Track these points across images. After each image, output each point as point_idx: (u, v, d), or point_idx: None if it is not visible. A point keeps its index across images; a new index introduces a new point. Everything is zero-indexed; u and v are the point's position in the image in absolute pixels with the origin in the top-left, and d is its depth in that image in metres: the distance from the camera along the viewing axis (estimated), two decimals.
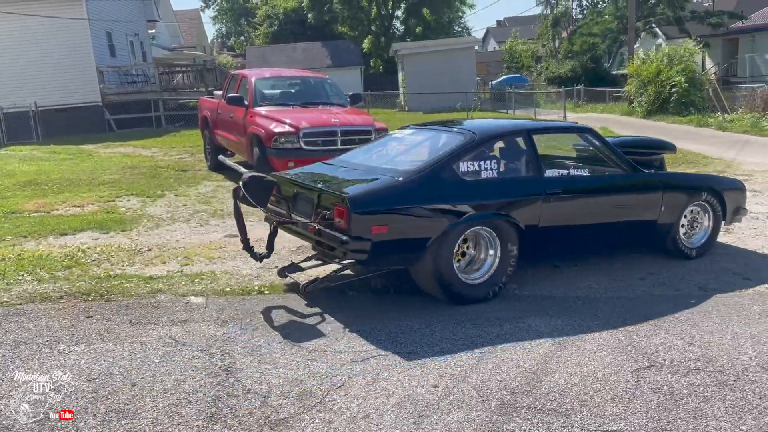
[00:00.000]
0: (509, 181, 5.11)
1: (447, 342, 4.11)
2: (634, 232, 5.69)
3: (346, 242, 4.25)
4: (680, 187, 5.85)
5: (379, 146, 5.97)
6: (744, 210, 6.27)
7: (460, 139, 4.99)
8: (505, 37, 57.85)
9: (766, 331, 4.22)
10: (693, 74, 20.83)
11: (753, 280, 5.29)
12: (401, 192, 4.53)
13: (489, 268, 4.82)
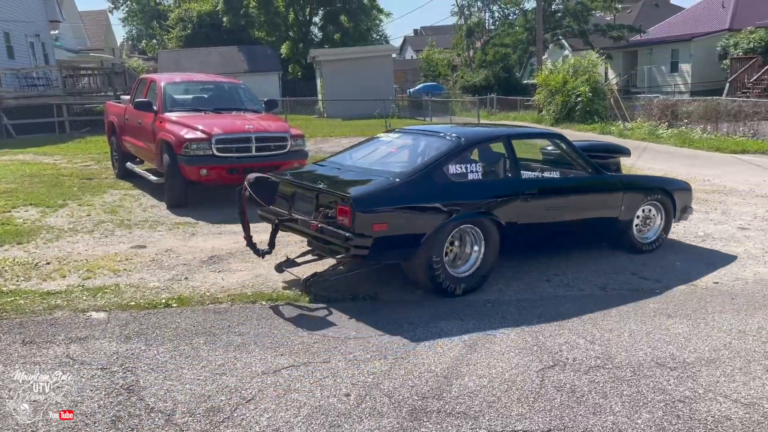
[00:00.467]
0: (492, 182, 5.51)
1: (360, 350, 4.10)
2: (598, 228, 6.19)
3: (350, 239, 4.57)
4: (637, 187, 6.38)
5: (368, 149, 6.14)
6: (691, 209, 6.82)
7: (449, 144, 5.39)
8: (422, 45, 58.93)
9: (660, 328, 4.48)
10: (596, 84, 21.99)
11: (649, 279, 5.61)
12: (399, 192, 4.86)
13: (474, 262, 5.23)
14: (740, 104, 17.50)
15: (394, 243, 4.83)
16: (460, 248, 5.23)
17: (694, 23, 34.34)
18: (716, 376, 3.74)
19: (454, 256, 5.20)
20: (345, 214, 4.60)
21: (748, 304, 4.95)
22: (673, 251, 6.43)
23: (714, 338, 4.29)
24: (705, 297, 5.14)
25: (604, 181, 6.13)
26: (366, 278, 5.45)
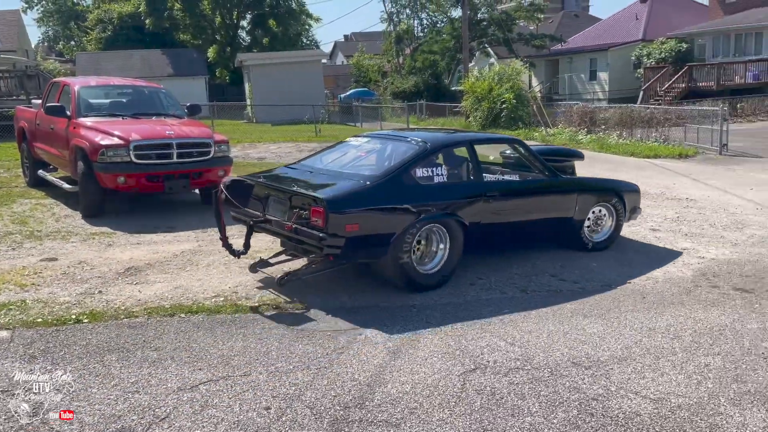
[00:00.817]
0: (456, 185, 5.84)
1: (283, 360, 4.02)
2: (554, 227, 6.49)
3: (324, 239, 4.76)
4: (590, 189, 6.70)
5: (338, 152, 6.33)
6: (639, 209, 7.17)
7: (416, 149, 5.64)
8: (353, 51, 59.10)
9: (576, 328, 4.62)
10: (520, 91, 22.68)
11: (567, 281, 5.79)
12: (369, 194, 5.11)
13: (440, 260, 5.49)
14: (652, 111, 18.46)
15: (365, 243, 5.05)
16: (426, 247, 5.47)
17: (610, 34, 36.02)
18: (627, 373, 3.89)
19: (421, 254, 5.44)
20: (319, 215, 4.80)
21: (658, 303, 5.19)
22: (590, 253, 6.66)
23: (626, 337, 4.46)
24: (618, 297, 5.35)
25: (559, 183, 6.47)
26: (291, 287, 5.37)
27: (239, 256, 5.61)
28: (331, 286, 5.46)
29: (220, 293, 5.29)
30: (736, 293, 5.38)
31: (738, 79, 26.57)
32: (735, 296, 5.31)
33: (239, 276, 5.77)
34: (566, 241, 6.67)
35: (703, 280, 5.76)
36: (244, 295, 5.28)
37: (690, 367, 3.95)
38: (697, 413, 3.41)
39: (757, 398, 3.55)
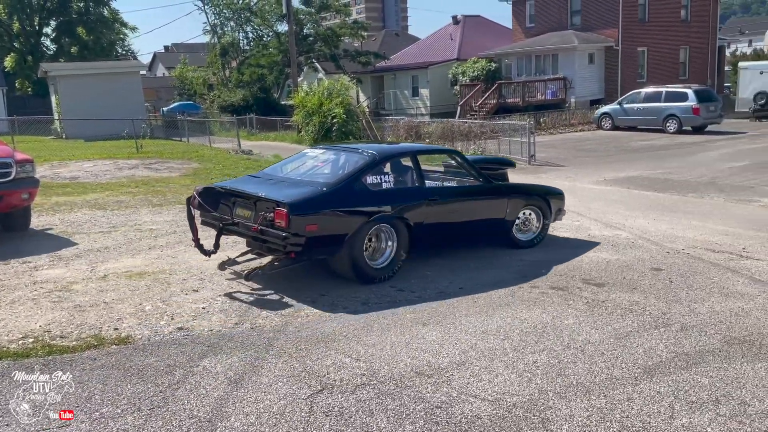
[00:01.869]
0: (402, 190, 6.56)
1: (109, 404, 3.62)
2: (489, 227, 7.23)
3: (287, 238, 5.38)
4: (519, 193, 7.43)
5: (297, 162, 7.00)
6: (563, 211, 7.95)
7: (365, 159, 6.31)
8: (175, 63, 56.48)
9: (417, 337, 4.74)
10: (350, 106, 23.14)
11: (405, 291, 5.94)
12: (326, 199, 5.77)
13: (388, 255, 6.20)
14: (470, 125, 19.88)
15: (323, 241, 5.73)
16: (377, 244, 6.18)
17: (429, 52, 38.30)
18: (467, 377, 4.05)
19: (373, 251, 6.13)
20: (282, 218, 5.39)
21: (488, 306, 5.51)
22: (424, 262, 6.91)
23: (462, 341, 4.66)
24: (453, 303, 5.59)
25: (492, 188, 7.21)
26: (110, 316, 4.88)
27: (209, 255, 6.28)
28: (163, 315, 5.06)
29: (28, 333, 4.66)
30: (552, 291, 5.88)
31: (539, 95, 29.62)
32: (552, 294, 5.80)
33: (52, 312, 5.13)
34: (500, 240, 7.40)
35: (524, 281, 6.23)
36: (59, 333, 4.70)
37: (520, 366, 4.22)
38: (530, 410, 3.64)
39: (579, 390, 3.88)
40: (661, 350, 4.46)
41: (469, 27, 38.57)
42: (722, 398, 3.73)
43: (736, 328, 4.83)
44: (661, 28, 31.13)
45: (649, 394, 3.80)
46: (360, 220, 5.85)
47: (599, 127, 24.83)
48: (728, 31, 67.67)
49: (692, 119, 21.54)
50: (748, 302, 5.41)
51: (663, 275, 6.28)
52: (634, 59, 30.84)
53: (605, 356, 4.37)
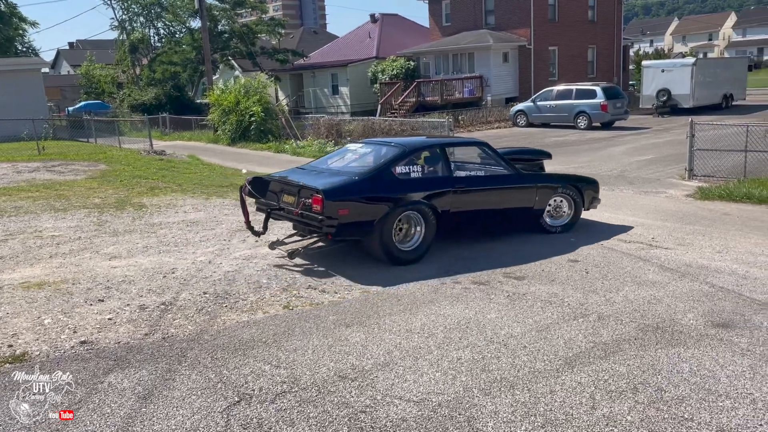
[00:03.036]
0: (429, 179, 6.95)
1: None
2: (517, 215, 7.60)
3: (322, 220, 6.07)
4: (548, 183, 7.76)
5: (339, 156, 7.68)
6: (598, 200, 8.26)
7: (395, 151, 6.92)
8: (81, 60, 53.56)
9: (340, 340, 4.59)
10: (268, 105, 22.66)
11: (328, 292, 5.78)
12: (357, 186, 6.39)
13: (417, 240, 6.71)
14: (390, 123, 19.90)
15: (354, 224, 6.31)
16: (408, 229, 6.68)
17: (348, 50, 38.16)
18: (391, 379, 3.94)
19: (404, 235, 6.65)
20: (318, 203, 6.08)
21: (412, 303, 5.44)
22: (352, 262, 6.77)
23: (386, 341, 4.56)
24: (376, 302, 5.48)
25: (520, 177, 7.55)
26: (4, 331, 4.44)
27: (259, 236, 7.15)
28: (64, 328, 4.66)
29: None
30: (474, 286, 5.89)
31: (457, 94, 30.13)
32: (474, 289, 5.80)
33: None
34: (530, 227, 7.71)
35: (447, 277, 6.21)
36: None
37: (445, 363, 4.16)
38: (455, 408, 3.57)
39: (503, 385, 3.86)
40: (581, 341, 4.52)
41: (387, 25, 38.74)
42: (640, 386, 3.80)
43: (650, 316, 4.98)
44: (570, 28, 32.41)
45: (571, 385, 3.83)
46: (388, 206, 6.40)
47: (515, 124, 25.53)
48: (631, 31, 71.55)
49: (601, 116, 22.51)
50: (660, 290, 5.61)
51: (579, 266, 6.43)
52: (545, 58, 31.94)
53: (527, 349, 4.38)
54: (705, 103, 26.32)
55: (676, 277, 5.93)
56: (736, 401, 3.58)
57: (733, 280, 5.79)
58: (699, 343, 4.41)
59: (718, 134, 11.85)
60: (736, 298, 5.33)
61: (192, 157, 18.40)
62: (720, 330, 4.64)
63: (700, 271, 6.11)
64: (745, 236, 7.40)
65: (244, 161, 17.15)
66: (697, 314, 4.98)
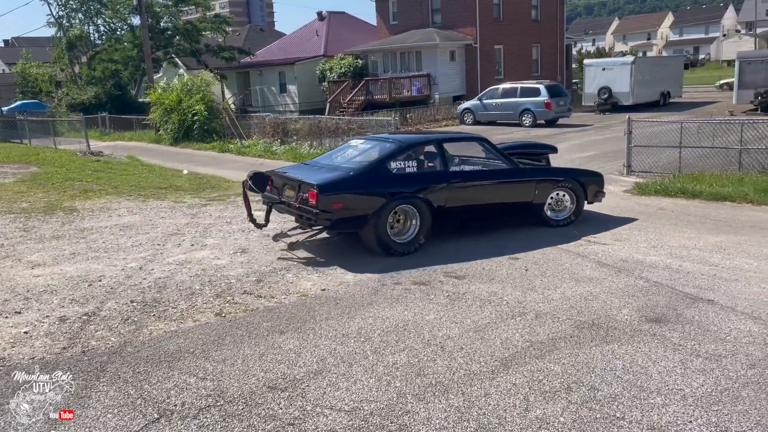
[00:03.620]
0: (424, 174, 7.18)
1: None
2: (515, 209, 7.76)
3: (317, 214, 6.32)
4: (548, 177, 7.90)
5: (342, 151, 7.86)
6: (603, 193, 8.36)
7: (391, 147, 7.13)
8: (16, 58, 51.29)
9: (272, 348, 4.42)
10: (212, 103, 22.13)
11: (264, 297, 5.58)
12: (351, 181, 6.64)
13: (412, 233, 6.91)
14: (337, 122, 19.70)
15: (349, 217, 6.58)
16: (404, 221, 6.88)
17: (296, 48, 37.71)
18: (323, 387, 3.80)
19: (401, 228, 6.87)
20: (313, 197, 6.34)
21: (350, 306, 5.30)
22: (289, 264, 6.59)
23: (321, 347, 4.41)
24: (314, 306, 5.33)
25: (518, 172, 7.68)
26: None
27: (261, 228, 7.47)
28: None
29: None
30: (415, 287, 5.80)
31: (405, 92, 30.14)
32: (415, 290, 5.71)
33: None
34: (531, 220, 7.83)
35: (388, 278, 6.10)
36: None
37: (380, 369, 4.05)
38: (387, 416, 3.46)
39: (437, 389, 3.76)
40: (517, 340, 4.48)
41: (334, 23, 38.45)
42: (574, 385, 3.77)
43: (586, 313, 4.99)
44: (514, 28, 32.87)
45: (506, 387, 3.77)
46: (381, 199, 6.61)
47: (462, 122, 25.70)
48: (574, 30, 73.30)
49: (545, 113, 22.89)
50: (596, 286, 5.64)
51: (519, 264, 6.42)
52: (491, 57, 32.31)
53: (464, 351, 4.31)
54: (644, 100, 27.10)
55: (613, 273, 5.99)
56: (667, 398, 3.59)
57: (666, 274, 5.88)
58: (633, 339, 4.43)
59: (655, 131, 12.15)
60: (669, 292, 5.40)
61: (131, 157, 17.79)
62: (653, 325, 4.68)
63: (635, 266, 6.19)
64: (679, 231, 7.57)
65: (187, 162, 16.68)
66: (632, 310, 5.02)
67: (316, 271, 6.36)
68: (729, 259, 6.26)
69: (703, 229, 7.61)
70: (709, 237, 7.17)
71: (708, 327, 4.61)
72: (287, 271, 6.35)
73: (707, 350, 4.21)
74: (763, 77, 22.70)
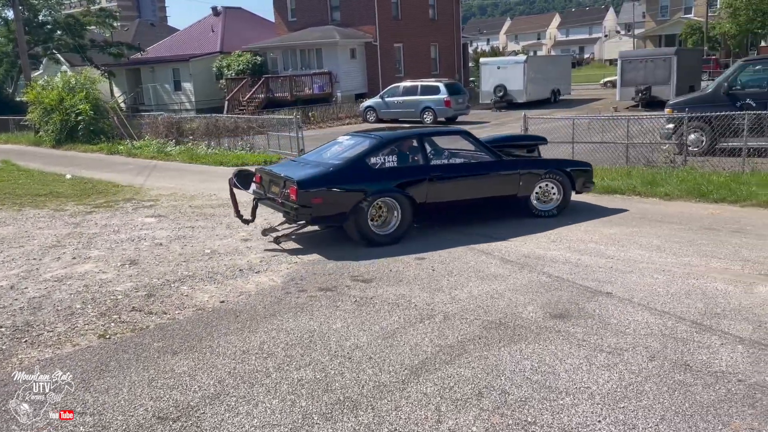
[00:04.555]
0: (404, 168, 7.30)
1: None
2: (500, 200, 7.87)
3: (297, 209, 6.63)
4: (533, 169, 7.99)
5: (329, 147, 7.92)
6: (592, 182, 8.55)
7: (372, 142, 7.34)
8: None
9: (164, 372, 4.02)
10: (98, 102, 20.73)
11: (155, 313, 5.14)
12: (330, 177, 6.83)
13: (394, 224, 7.13)
14: (236, 121, 18.99)
15: (329, 211, 6.85)
16: (387, 214, 7.11)
17: (190, 44, 36.18)
18: (221, 413, 3.48)
19: (384, 220, 7.10)
20: (293, 192, 6.56)
21: (251, 319, 4.98)
22: (185, 276, 6.14)
23: (219, 368, 4.07)
24: (212, 321, 4.96)
25: (502, 165, 7.79)
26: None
27: (248, 224, 7.67)
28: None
29: None
30: (321, 293, 5.56)
31: (307, 90, 29.69)
32: (321, 297, 5.47)
33: None
34: (518, 211, 7.96)
35: (293, 285, 5.82)
36: None
37: (284, 387, 3.78)
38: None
39: (346, 406, 3.55)
40: (427, 345, 4.36)
41: (230, 19, 37.25)
42: (484, 390, 3.69)
43: (493, 312, 4.96)
44: (413, 26, 33.26)
45: (417, 397, 3.62)
46: (360, 194, 6.80)
47: (365, 120, 25.65)
48: (469, 30, 75.43)
49: (445, 111, 23.27)
50: (501, 283, 5.64)
51: (426, 264, 6.34)
52: (392, 55, 32.51)
53: (373, 360, 4.13)
54: (537, 97, 28.24)
55: (516, 269, 6.03)
56: (576, 397, 3.58)
57: (567, 269, 5.99)
58: (539, 338, 4.43)
59: (549, 127, 12.57)
60: (570, 287, 5.49)
61: (6, 162, 16.29)
62: (558, 321, 4.71)
63: (537, 261, 6.27)
64: (576, 224, 7.78)
65: (71, 165, 15.48)
66: (536, 306, 5.04)
67: (213, 281, 5.96)
68: (623, 251, 6.49)
69: (599, 222, 7.87)
70: (604, 230, 7.42)
71: (608, 320, 4.69)
72: (182, 283, 5.91)
73: (609, 344, 4.27)
74: (643, 75, 24.25)
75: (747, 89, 12.08)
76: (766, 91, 11.73)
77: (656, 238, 6.95)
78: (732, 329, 4.42)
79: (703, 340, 4.26)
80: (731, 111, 10.90)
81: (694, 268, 5.81)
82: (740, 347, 4.13)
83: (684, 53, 26.81)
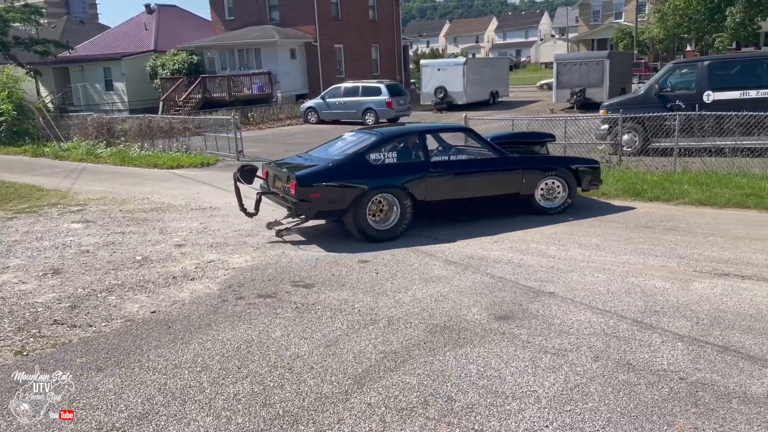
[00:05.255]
0: (404, 164, 7.31)
1: None
2: (502, 197, 7.89)
3: (296, 203, 6.83)
4: (536, 166, 7.99)
5: (334, 144, 8.06)
6: (599, 180, 8.48)
7: (373, 138, 7.43)
8: None
9: (86, 391, 3.72)
10: (22, 102, 19.63)
11: (79, 326, 4.79)
12: (329, 172, 7.01)
13: (394, 219, 7.14)
14: (171, 121, 18.33)
15: (328, 206, 6.92)
16: (387, 210, 7.12)
17: (122, 43, 34.86)
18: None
19: (384, 215, 7.12)
20: (293, 187, 6.74)
21: (185, 330, 4.71)
22: (114, 284, 5.77)
23: (148, 384, 3.80)
24: (141, 333, 4.65)
25: (504, 162, 7.78)
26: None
27: (251, 217, 7.66)
28: None
29: None
30: (260, 300, 5.33)
31: (246, 90, 29.04)
32: (260, 304, 5.24)
33: None
34: (521, 209, 7.97)
35: (230, 292, 5.56)
36: None
37: (219, 404, 3.55)
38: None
39: (286, 421, 3.36)
40: (370, 352, 4.21)
41: (165, 17, 36.09)
42: (430, 398, 3.57)
43: (437, 315, 4.86)
44: (353, 27, 33.11)
45: (360, 408, 3.47)
46: (359, 190, 6.86)
47: (306, 121, 25.32)
48: (410, 32, 75.82)
49: (386, 112, 23.21)
50: (445, 286, 5.56)
51: (369, 266, 6.20)
52: (332, 55, 32.25)
53: (314, 370, 3.95)
54: (476, 99, 28.59)
55: (460, 271, 5.97)
56: (522, 402, 3.51)
57: (510, 269, 5.97)
58: (484, 340, 4.35)
59: (489, 128, 12.65)
60: (513, 287, 5.46)
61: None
62: (502, 323, 4.66)
63: (480, 262, 6.23)
64: (516, 223, 7.80)
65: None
66: (481, 308, 4.97)
67: (144, 289, 5.63)
68: (564, 250, 6.53)
69: (533, 220, 7.91)
70: (544, 229, 7.47)
71: (552, 321, 4.67)
72: (109, 293, 5.55)
73: (554, 345, 4.23)
74: (578, 78, 24.91)
75: (676, 91, 12.52)
76: (694, 93, 12.18)
77: (595, 236, 7.04)
78: (671, 327, 4.47)
79: (644, 339, 4.28)
80: (662, 112, 11.26)
81: (632, 267, 5.89)
82: (680, 344, 4.17)
83: (616, 56, 27.74)
